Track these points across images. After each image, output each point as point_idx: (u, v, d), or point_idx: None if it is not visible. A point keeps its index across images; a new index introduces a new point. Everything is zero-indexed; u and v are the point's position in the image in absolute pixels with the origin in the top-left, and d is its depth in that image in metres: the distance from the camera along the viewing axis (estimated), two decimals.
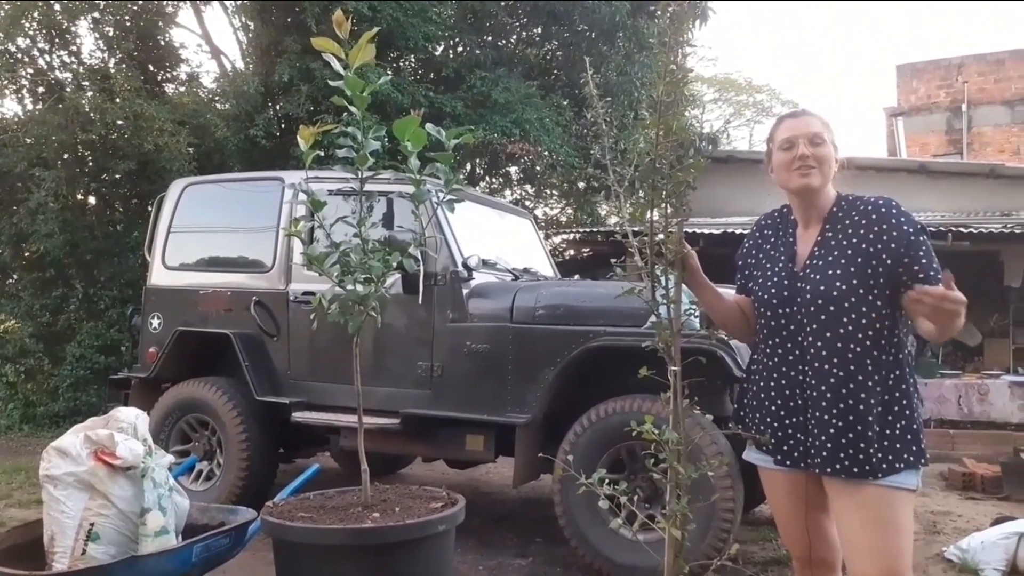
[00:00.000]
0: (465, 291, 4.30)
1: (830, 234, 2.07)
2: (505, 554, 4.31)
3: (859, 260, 1.98)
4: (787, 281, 2.08)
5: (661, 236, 2.01)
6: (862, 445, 1.95)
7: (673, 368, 1.98)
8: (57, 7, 9.51)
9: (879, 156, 13.59)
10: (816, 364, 2.01)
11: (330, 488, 3.22)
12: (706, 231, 8.58)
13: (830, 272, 2.01)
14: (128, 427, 2.95)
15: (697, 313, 2.41)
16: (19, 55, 9.76)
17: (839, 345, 1.98)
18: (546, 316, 4.08)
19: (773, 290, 2.10)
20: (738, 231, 8.22)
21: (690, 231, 7.78)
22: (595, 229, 10.60)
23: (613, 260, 2.21)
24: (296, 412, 4.57)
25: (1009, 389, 7.83)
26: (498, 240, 5.08)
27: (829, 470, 1.98)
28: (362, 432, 3.04)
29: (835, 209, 2.09)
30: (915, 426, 1.98)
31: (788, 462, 2.09)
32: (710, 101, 22.53)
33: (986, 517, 5.00)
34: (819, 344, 2.00)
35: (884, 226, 1.98)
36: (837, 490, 2.01)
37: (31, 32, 9.65)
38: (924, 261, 1.94)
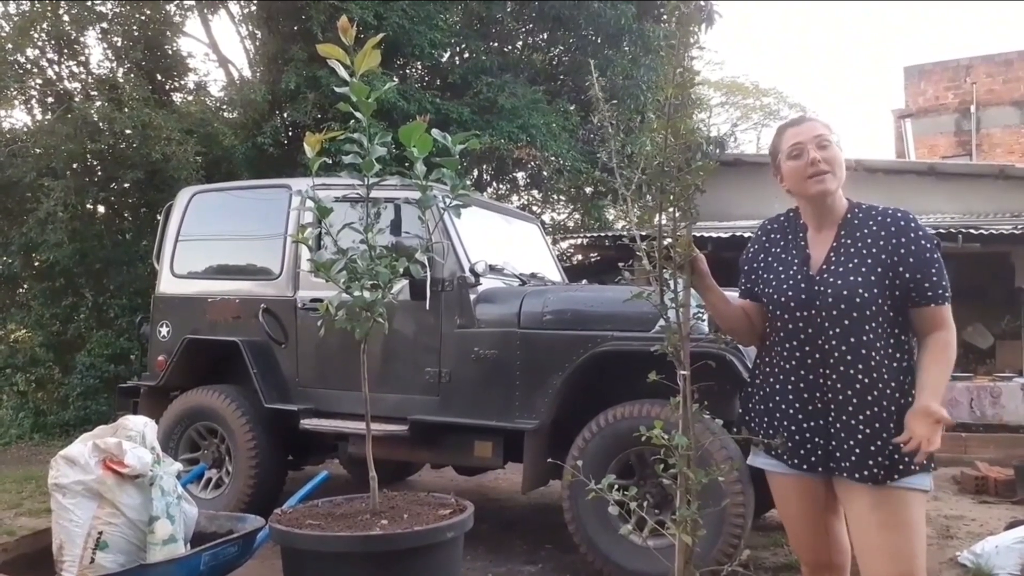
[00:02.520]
0: (472, 297, 4.29)
1: (847, 240, 2.06)
2: (514, 561, 4.29)
3: (878, 269, 1.99)
4: (804, 284, 2.06)
5: (669, 240, 2.00)
6: (887, 450, 1.95)
7: (682, 372, 1.97)
8: (66, 17, 9.59)
9: (887, 158, 13.55)
10: (842, 368, 1.99)
11: (338, 495, 3.21)
12: (714, 235, 8.56)
13: (851, 278, 2.00)
14: (136, 435, 2.95)
15: (705, 317, 2.40)
16: (28, 65, 9.85)
17: (863, 351, 1.97)
18: (554, 321, 4.07)
19: (790, 292, 2.08)
20: (746, 235, 8.17)
21: (698, 235, 7.75)
22: (602, 234, 10.59)
23: (621, 264, 2.19)
24: (304, 419, 4.57)
25: (1022, 391, 7.75)
26: (505, 246, 5.07)
27: (857, 476, 1.97)
28: (370, 439, 3.03)
29: (850, 216, 2.09)
30: None
31: (805, 466, 2.07)
32: (717, 105, 22.51)
33: (1000, 521, 4.96)
34: (844, 348, 1.99)
35: (903, 239, 1.99)
36: (853, 492, 2.00)
37: (40, 43, 9.74)
38: (935, 279, 1.98)
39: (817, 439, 2.04)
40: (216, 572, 2.97)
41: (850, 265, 2.02)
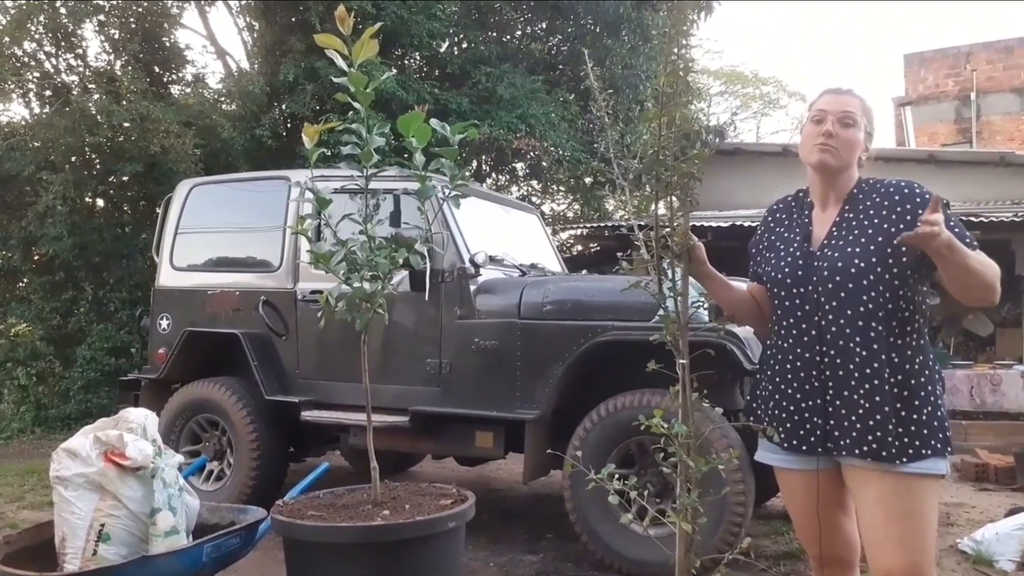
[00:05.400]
0: (472, 287, 4.29)
1: (850, 215, 2.03)
2: (516, 550, 4.30)
3: (879, 239, 1.95)
4: (802, 260, 2.04)
5: (667, 229, 1.99)
6: (888, 427, 1.90)
7: (681, 361, 1.96)
8: (63, 10, 9.55)
9: (888, 146, 13.51)
10: (840, 343, 1.96)
11: (340, 486, 3.22)
12: (713, 224, 8.54)
13: (849, 250, 1.97)
14: (137, 428, 2.95)
15: (706, 306, 2.39)
16: (25, 59, 9.82)
17: (860, 324, 1.94)
18: (554, 311, 4.07)
19: (787, 269, 2.06)
20: (746, 224, 8.17)
21: (697, 224, 7.75)
22: (602, 224, 10.57)
23: (619, 254, 2.19)
24: (305, 411, 4.58)
25: (1022, 379, 7.75)
26: (505, 236, 5.06)
27: (858, 452, 1.94)
28: (371, 430, 3.04)
29: (856, 191, 2.06)
30: (940, 412, 1.94)
31: (805, 447, 2.04)
32: (716, 94, 22.42)
33: (1000, 508, 4.97)
34: (841, 322, 1.96)
35: (908, 206, 1.95)
36: (860, 479, 1.97)
37: (37, 35, 9.71)
38: (956, 231, 1.86)
39: (816, 419, 2.01)
40: (218, 563, 2.98)
41: (850, 238, 1.99)
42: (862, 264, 1.94)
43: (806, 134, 2.08)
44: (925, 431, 1.91)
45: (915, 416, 1.91)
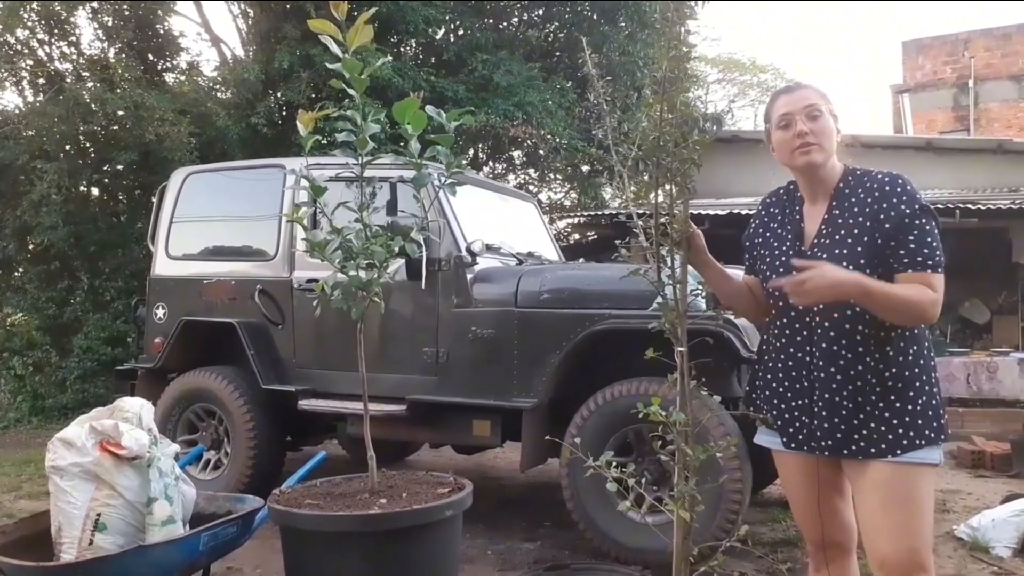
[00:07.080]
0: (469, 276, 4.28)
1: (837, 211, 2.02)
2: (513, 538, 4.31)
3: (864, 238, 1.94)
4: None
5: (666, 216, 1.98)
6: (872, 424, 1.92)
7: (680, 349, 1.95)
8: None
9: (885, 134, 13.49)
10: (824, 345, 1.97)
11: (337, 475, 3.21)
12: (711, 212, 8.53)
13: (836, 251, 1.97)
14: (133, 417, 2.94)
15: (704, 294, 2.38)
16: (18, 47, 9.75)
17: (847, 326, 1.94)
18: (551, 300, 4.06)
19: (781, 269, 2.06)
20: (744, 212, 8.17)
21: (695, 212, 7.73)
22: (599, 212, 10.56)
23: (618, 242, 2.17)
24: (302, 400, 4.57)
25: (1018, 366, 7.78)
26: (502, 224, 5.05)
27: (846, 451, 1.96)
28: (368, 419, 3.03)
29: (842, 184, 2.04)
30: (935, 401, 1.95)
31: (793, 445, 2.07)
32: (714, 81, 22.35)
33: (996, 495, 4.99)
34: (826, 325, 1.97)
35: (884, 204, 1.94)
36: (856, 468, 1.98)
37: (30, 23, 9.64)
38: (913, 247, 1.90)
39: (803, 418, 2.03)
40: (215, 552, 2.99)
41: (837, 237, 1.99)
42: (849, 266, 1.93)
43: (779, 142, 2.06)
44: (919, 421, 1.93)
45: (909, 407, 1.93)
